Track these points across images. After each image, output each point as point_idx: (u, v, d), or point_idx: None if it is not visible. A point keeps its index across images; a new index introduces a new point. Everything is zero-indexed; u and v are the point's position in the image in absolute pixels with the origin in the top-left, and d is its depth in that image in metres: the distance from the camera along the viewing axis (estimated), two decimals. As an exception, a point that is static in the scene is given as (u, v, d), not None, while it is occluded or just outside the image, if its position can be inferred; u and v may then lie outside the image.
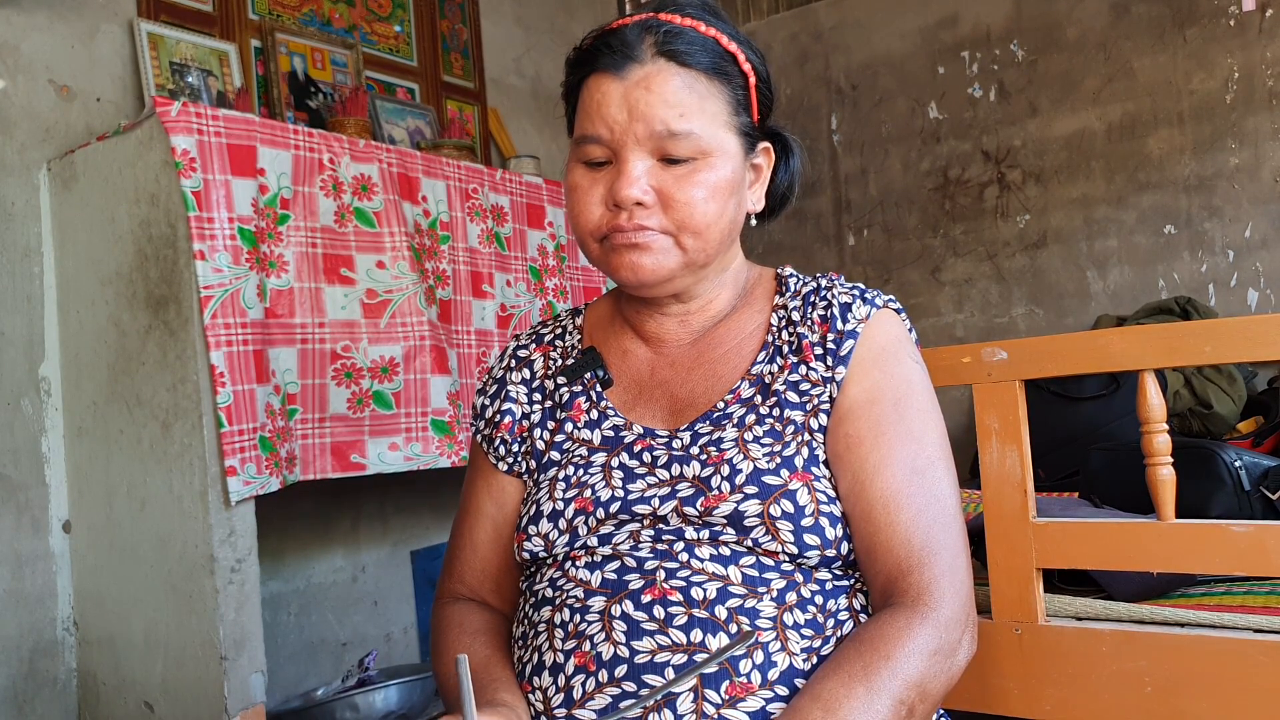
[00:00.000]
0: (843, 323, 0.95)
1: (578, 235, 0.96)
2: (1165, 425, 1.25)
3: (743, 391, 0.96)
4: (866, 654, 0.82)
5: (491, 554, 1.05)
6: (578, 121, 0.95)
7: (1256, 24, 2.60)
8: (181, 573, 1.74)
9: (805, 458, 0.90)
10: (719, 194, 0.92)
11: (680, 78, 0.90)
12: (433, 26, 2.86)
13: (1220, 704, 1.17)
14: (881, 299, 0.98)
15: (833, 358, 0.94)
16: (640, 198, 0.90)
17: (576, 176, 0.95)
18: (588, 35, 0.97)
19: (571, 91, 0.98)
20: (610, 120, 0.90)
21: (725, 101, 0.93)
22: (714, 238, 0.93)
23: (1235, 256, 2.63)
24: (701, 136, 0.90)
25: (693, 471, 0.92)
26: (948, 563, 0.87)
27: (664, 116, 0.89)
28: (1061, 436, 2.27)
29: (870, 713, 0.78)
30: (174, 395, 1.73)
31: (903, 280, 3.13)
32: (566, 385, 1.03)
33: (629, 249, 0.92)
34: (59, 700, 1.94)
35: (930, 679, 0.83)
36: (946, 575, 0.87)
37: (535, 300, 2.39)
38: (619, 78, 0.90)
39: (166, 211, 1.73)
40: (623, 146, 0.90)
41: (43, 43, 2.01)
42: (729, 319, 1.01)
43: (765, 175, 1.01)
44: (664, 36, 0.91)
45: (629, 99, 0.90)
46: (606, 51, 0.92)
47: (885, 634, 0.83)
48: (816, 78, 3.29)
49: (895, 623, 0.84)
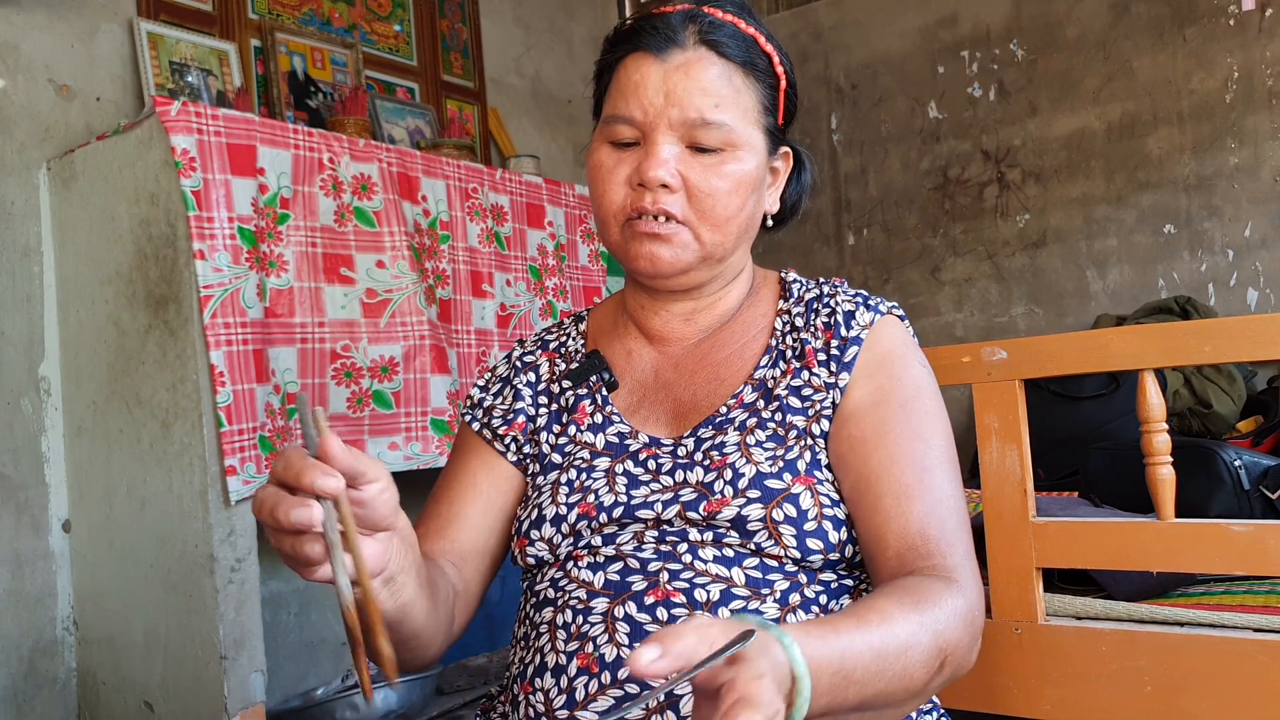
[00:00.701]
0: (846, 329, 0.95)
1: (598, 217, 0.96)
2: (1165, 425, 1.25)
3: (745, 396, 0.96)
4: (915, 594, 0.79)
5: (468, 528, 1.00)
6: (610, 100, 0.95)
7: (1256, 23, 2.60)
8: (181, 572, 1.74)
9: (808, 461, 0.90)
10: (742, 188, 0.93)
11: (719, 68, 0.91)
12: (432, 26, 2.86)
13: (1220, 703, 1.17)
14: (885, 305, 0.98)
15: (836, 364, 0.94)
16: (667, 180, 0.90)
17: (602, 155, 0.94)
18: (630, 16, 0.97)
19: (605, 70, 0.97)
20: (646, 102, 0.91)
21: (757, 99, 0.94)
22: (732, 231, 0.94)
23: (1235, 256, 2.63)
24: (733, 129, 0.91)
25: (696, 477, 0.91)
26: (964, 554, 0.86)
27: (700, 104, 0.90)
28: (1061, 436, 2.27)
29: (918, 641, 0.75)
30: (174, 395, 1.73)
31: (902, 280, 3.13)
32: (571, 389, 1.03)
33: (650, 238, 0.92)
34: (59, 699, 1.94)
35: (960, 645, 0.80)
36: (966, 564, 0.86)
37: (535, 300, 2.39)
38: (660, 59, 0.91)
39: (166, 211, 1.73)
40: (654, 129, 0.91)
41: (43, 42, 2.01)
42: (734, 320, 1.01)
43: (782, 180, 1.02)
44: (707, 27, 0.92)
45: (667, 82, 0.90)
46: (650, 32, 0.92)
47: (929, 588, 0.81)
48: (816, 77, 3.29)
49: (935, 584, 0.82)
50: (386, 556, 0.74)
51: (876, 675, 0.71)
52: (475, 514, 1.01)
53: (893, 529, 0.86)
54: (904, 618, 0.75)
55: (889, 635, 0.73)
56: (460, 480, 1.03)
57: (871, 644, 0.71)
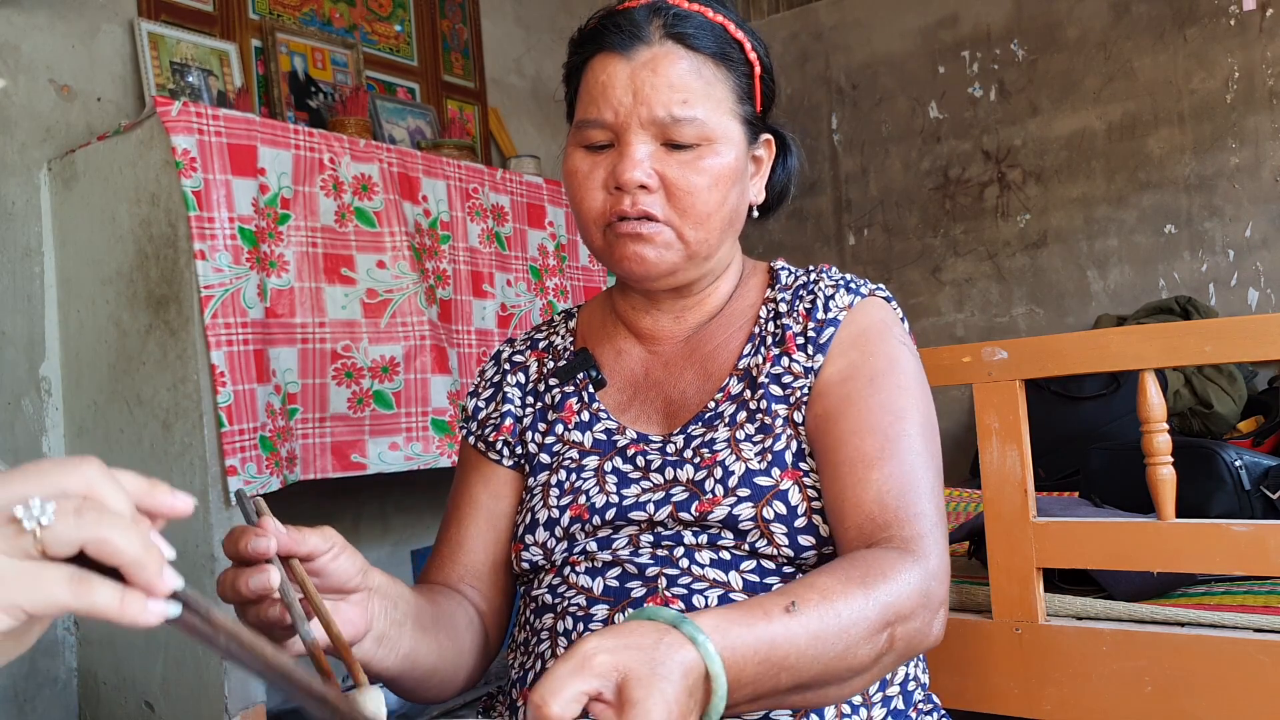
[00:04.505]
0: (824, 312, 0.94)
1: (580, 223, 0.94)
2: (1165, 425, 1.25)
3: (732, 388, 0.95)
4: (863, 567, 0.76)
5: (479, 548, 1.01)
6: (580, 103, 0.93)
7: (1257, 23, 2.60)
8: (183, 572, 1.72)
9: (794, 452, 0.89)
10: (722, 182, 0.90)
11: (688, 61, 0.89)
12: (433, 26, 2.86)
13: (1220, 704, 1.17)
14: (868, 287, 0.97)
15: (813, 346, 0.92)
16: (644, 180, 0.88)
17: (576, 161, 0.92)
18: (594, 15, 0.95)
19: (574, 72, 0.95)
20: (615, 103, 0.88)
21: (730, 88, 0.91)
22: (715, 227, 0.92)
23: (1235, 256, 2.63)
24: (706, 122, 0.89)
25: (686, 475, 0.90)
26: (930, 525, 0.82)
27: (669, 100, 0.87)
28: (1061, 436, 2.27)
29: (862, 617, 0.72)
30: (174, 395, 1.74)
31: (903, 280, 3.13)
32: (559, 386, 1.02)
33: (633, 239, 0.90)
34: (59, 699, 1.94)
35: (913, 619, 0.76)
36: (929, 536, 0.81)
37: (535, 300, 2.39)
38: (626, 58, 0.89)
39: (167, 211, 1.73)
40: (626, 129, 0.89)
41: (43, 42, 2.01)
42: (722, 314, 0.99)
43: (766, 168, 0.99)
44: (672, 19, 0.90)
45: (635, 80, 0.88)
46: (614, 31, 0.90)
47: (880, 559, 0.77)
48: (817, 77, 3.29)
49: (888, 555, 0.78)
50: (368, 617, 0.77)
51: (813, 659, 0.69)
52: (481, 531, 1.01)
53: (849, 498, 0.84)
54: (846, 594, 0.72)
55: (827, 614, 0.70)
56: (463, 500, 1.03)
57: (808, 626, 0.69)
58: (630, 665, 0.58)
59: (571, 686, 0.57)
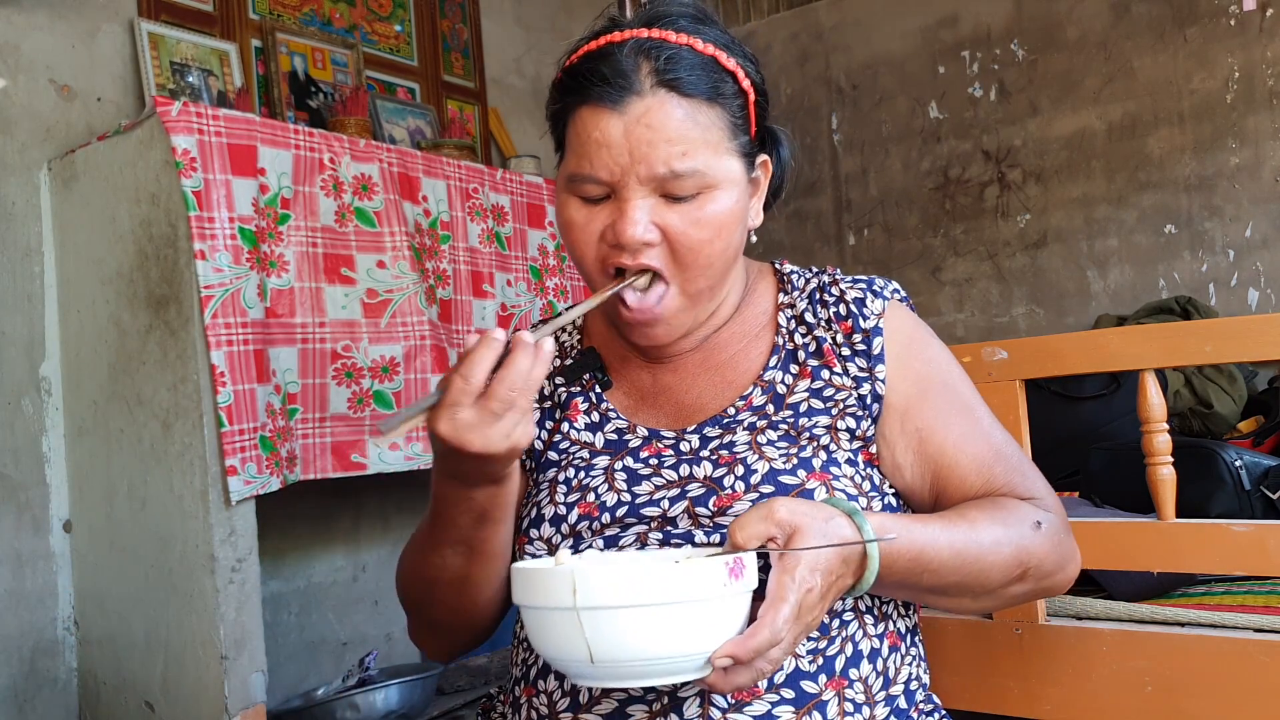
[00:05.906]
0: (863, 320, 0.95)
1: (582, 271, 0.93)
2: (1165, 425, 1.25)
3: (754, 399, 0.94)
4: (1003, 507, 0.89)
5: None
6: (571, 157, 0.89)
7: (1257, 23, 2.60)
8: (182, 572, 1.74)
9: (823, 460, 0.89)
10: (726, 230, 0.89)
11: (682, 110, 0.86)
12: (433, 26, 2.86)
13: (1220, 704, 1.17)
14: (889, 289, 0.99)
15: (865, 358, 0.93)
16: (645, 238, 0.86)
17: (571, 212, 0.90)
18: (573, 51, 0.92)
19: (560, 115, 0.92)
20: (611, 162, 0.85)
21: (725, 126, 0.89)
22: (719, 270, 0.91)
23: (1236, 256, 2.63)
24: (706, 171, 0.87)
25: (704, 472, 0.90)
26: (1045, 488, 0.95)
27: (667, 156, 0.85)
28: (1061, 436, 2.27)
29: (998, 549, 0.86)
30: (174, 395, 1.73)
31: (903, 280, 3.13)
32: (565, 385, 1.02)
33: (643, 324, 0.91)
34: (59, 700, 1.94)
35: (1043, 560, 0.89)
36: (1050, 496, 0.94)
37: (536, 300, 2.39)
38: (618, 112, 0.85)
39: (167, 211, 1.73)
40: (624, 187, 0.86)
41: (43, 42, 2.01)
42: (734, 320, 0.99)
43: (764, 188, 0.98)
44: (664, 63, 0.86)
45: (630, 138, 0.85)
46: (600, 82, 0.86)
47: (1013, 503, 0.90)
48: (817, 77, 3.28)
49: (1018, 501, 0.91)
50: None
51: (953, 570, 0.84)
52: None
53: (972, 486, 0.93)
54: (988, 527, 0.86)
55: (971, 538, 0.85)
56: None
57: (954, 543, 0.84)
58: (803, 524, 0.74)
59: (755, 526, 0.74)
